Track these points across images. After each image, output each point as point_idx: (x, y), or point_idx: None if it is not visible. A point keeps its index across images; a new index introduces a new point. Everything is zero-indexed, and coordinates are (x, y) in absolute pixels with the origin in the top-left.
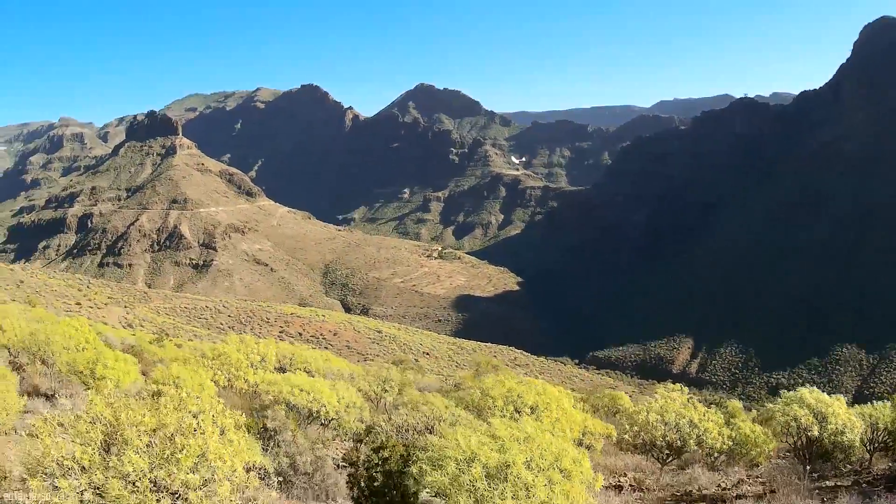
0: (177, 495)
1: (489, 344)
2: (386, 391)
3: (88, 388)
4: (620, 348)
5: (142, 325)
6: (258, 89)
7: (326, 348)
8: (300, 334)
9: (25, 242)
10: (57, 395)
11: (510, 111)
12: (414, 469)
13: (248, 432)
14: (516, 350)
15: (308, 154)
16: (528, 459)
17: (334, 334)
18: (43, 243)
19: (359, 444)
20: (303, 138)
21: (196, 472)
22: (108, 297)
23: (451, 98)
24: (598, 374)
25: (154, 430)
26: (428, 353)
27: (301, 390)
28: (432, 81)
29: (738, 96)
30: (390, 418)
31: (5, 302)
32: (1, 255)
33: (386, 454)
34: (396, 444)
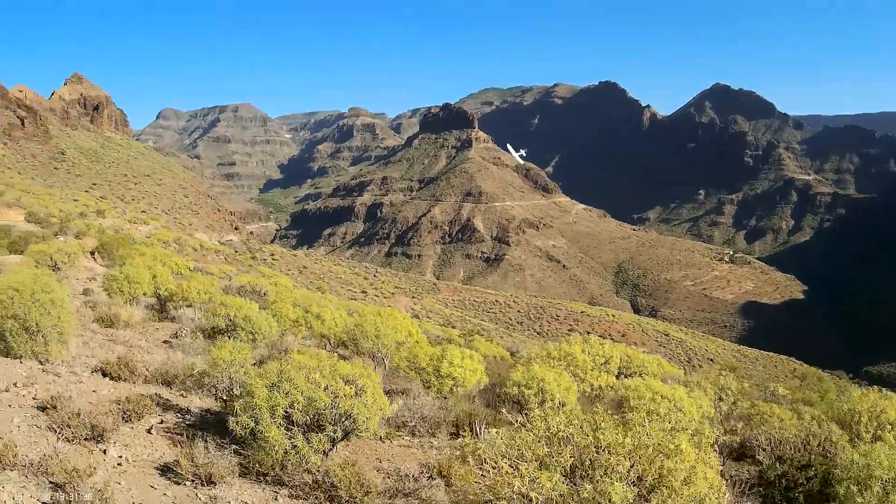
0: None
1: (770, 353)
2: (721, 399)
3: (428, 388)
4: (893, 364)
5: (428, 317)
6: (556, 85)
7: None
8: (588, 333)
9: (309, 229)
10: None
11: (801, 113)
12: (840, 489)
13: None
14: (795, 361)
15: (604, 151)
16: None
17: (622, 335)
18: (328, 230)
19: (776, 462)
20: (600, 135)
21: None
22: (395, 287)
23: (745, 99)
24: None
25: (630, 453)
26: (712, 360)
27: (662, 397)
28: (728, 81)
29: None
30: (766, 432)
31: (297, 288)
32: (283, 241)
33: (811, 473)
34: (819, 464)
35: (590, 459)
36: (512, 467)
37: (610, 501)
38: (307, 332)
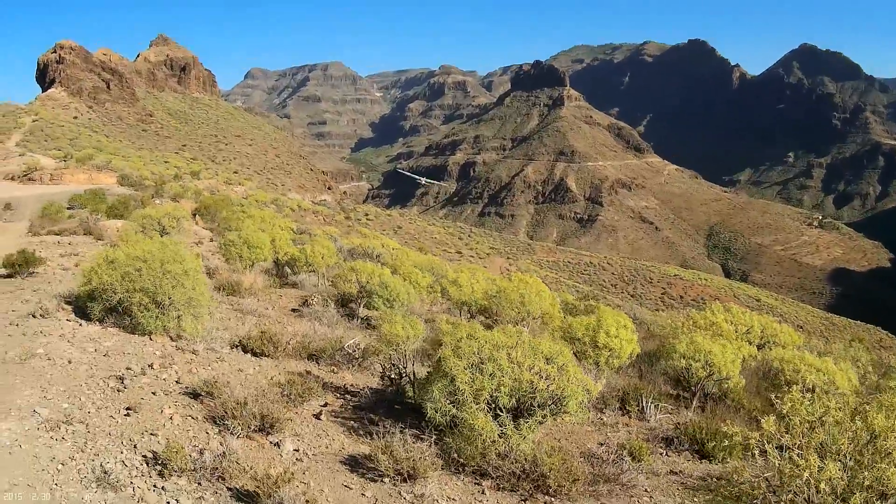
0: None
1: (858, 322)
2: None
3: (581, 359)
4: None
5: None
6: (645, 43)
7: None
8: (681, 297)
9: (401, 188)
10: None
11: (886, 76)
12: None
13: None
14: (882, 331)
15: (694, 111)
16: None
17: (715, 300)
18: (421, 190)
19: None
20: (689, 94)
21: None
22: (490, 247)
23: (832, 60)
24: None
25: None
26: (801, 328)
27: (817, 370)
28: (815, 41)
29: None
30: None
31: (397, 249)
32: (375, 200)
33: None
34: None
35: (862, 445)
36: (798, 456)
37: (888, 486)
38: (441, 299)
